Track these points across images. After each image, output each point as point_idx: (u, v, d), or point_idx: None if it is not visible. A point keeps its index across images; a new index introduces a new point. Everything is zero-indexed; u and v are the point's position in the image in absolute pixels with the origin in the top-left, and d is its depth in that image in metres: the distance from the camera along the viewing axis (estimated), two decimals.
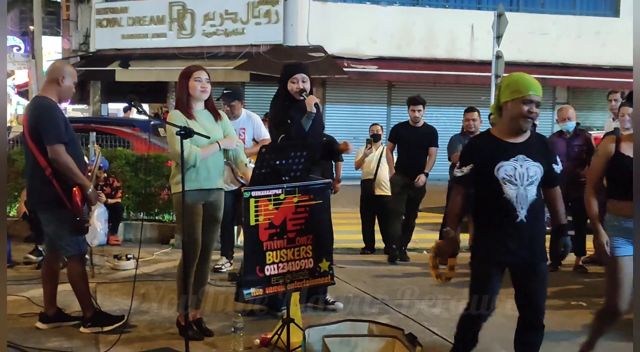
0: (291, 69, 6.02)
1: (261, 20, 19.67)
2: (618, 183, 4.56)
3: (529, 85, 4.14)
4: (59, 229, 5.37)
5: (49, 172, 5.23)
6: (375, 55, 19.88)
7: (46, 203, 5.33)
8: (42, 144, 5.19)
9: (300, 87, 5.85)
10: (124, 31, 21.09)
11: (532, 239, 4.22)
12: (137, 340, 5.32)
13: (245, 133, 7.42)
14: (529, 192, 4.14)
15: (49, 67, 5.69)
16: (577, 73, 20.47)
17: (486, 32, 16.91)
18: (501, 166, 4.17)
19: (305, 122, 5.80)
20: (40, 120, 5.21)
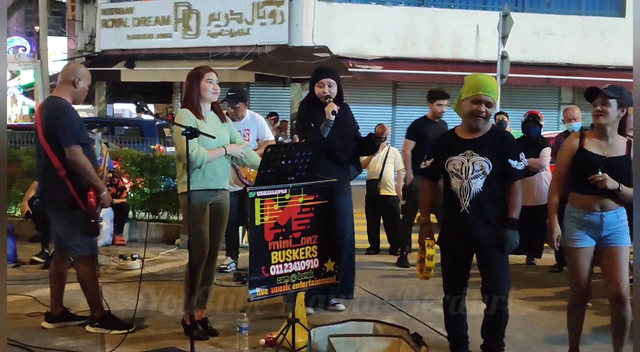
0: (318, 73, 6.11)
1: (266, 21, 19.69)
2: (581, 178, 4.70)
3: (481, 85, 4.48)
4: (71, 230, 5.37)
5: (62, 173, 5.22)
6: (380, 56, 19.89)
7: (59, 204, 5.32)
8: (57, 144, 5.18)
9: (326, 91, 5.94)
10: (129, 31, 21.14)
11: (475, 229, 4.56)
12: (143, 340, 5.34)
13: (249, 134, 7.43)
14: (472, 185, 4.50)
15: (63, 67, 5.67)
16: (582, 73, 20.42)
17: (491, 33, 16.92)
18: (450, 160, 4.62)
19: (324, 129, 5.87)
20: (57, 121, 5.19)
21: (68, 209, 5.30)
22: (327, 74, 6.06)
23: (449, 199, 4.68)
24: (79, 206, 5.28)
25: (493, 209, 4.59)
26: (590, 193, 4.65)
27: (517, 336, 5.68)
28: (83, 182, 5.26)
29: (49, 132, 5.22)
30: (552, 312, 6.44)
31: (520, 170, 4.61)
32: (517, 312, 6.39)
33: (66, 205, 5.28)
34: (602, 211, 4.65)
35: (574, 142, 4.83)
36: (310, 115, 5.99)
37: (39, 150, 5.38)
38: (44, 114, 5.31)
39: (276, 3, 19.54)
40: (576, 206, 4.75)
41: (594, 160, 4.64)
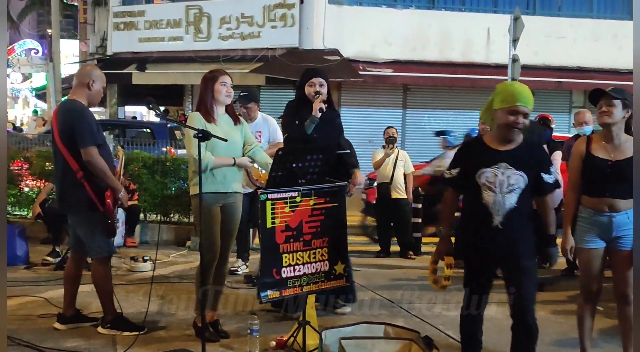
0: (310, 73, 6.12)
1: (277, 24, 19.71)
2: (589, 181, 4.74)
3: (518, 95, 4.25)
4: (91, 232, 5.41)
5: (80, 175, 5.27)
6: (391, 59, 19.87)
7: (78, 206, 5.36)
8: (74, 147, 5.23)
9: (317, 89, 5.94)
10: (140, 34, 21.21)
11: (507, 247, 4.30)
12: (154, 341, 5.36)
13: (261, 136, 7.46)
14: (507, 200, 4.21)
15: (78, 70, 5.74)
16: (593, 77, 20.34)
17: (502, 36, 16.87)
18: (483, 172, 4.29)
19: (308, 125, 5.86)
20: (74, 123, 5.23)
21: (87, 211, 5.34)
22: (318, 73, 6.08)
23: (478, 212, 4.33)
24: (97, 207, 5.33)
25: (525, 226, 4.33)
26: (599, 195, 4.69)
27: None
28: (101, 183, 5.30)
29: (65, 135, 5.27)
30: (564, 316, 6.43)
31: (552, 183, 4.39)
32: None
33: (86, 207, 5.33)
34: (611, 212, 4.67)
35: (580, 147, 4.84)
36: (297, 112, 5.97)
37: (56, 153, 5.42)
38: (60, 116, 5.35)
39: (287, 6, 19.56)
40: (587, 207, 4.78)
41: (601, 165, 4.67)
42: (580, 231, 4.80)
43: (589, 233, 4.76)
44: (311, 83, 5.98)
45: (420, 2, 20.96)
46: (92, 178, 5.28)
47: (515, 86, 4.38)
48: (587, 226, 4.77)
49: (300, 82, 6.10)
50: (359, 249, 9.67)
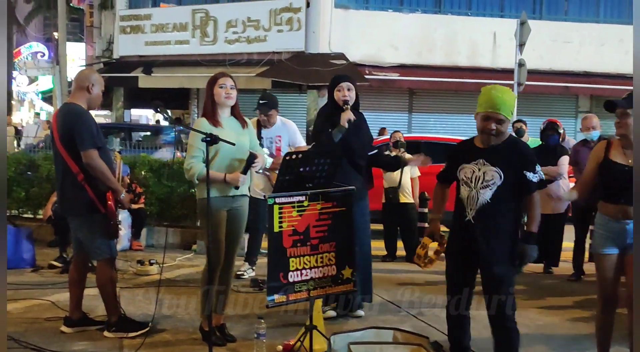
0: (337, 78, 6.24)
1: (283, 28, 19.74)
2: (607, 187, 4.75)
3: (493, 101, 4.34)
4: (91, 234, 5.43)
5: (81, 177, 5.30)
6: (397, 63, 19.88)
7: (78, 208, 5.39)
8: (74, 149, 5.26)
9: (345, 94, 6.05)
10: (147, 38, 21.26)
11: (478, 241, 4.44)
12: (161, 345, 5.36)
13: (281, 140, 7.46)
14: (480, 195, 4.39)
15: (77, 74, 5.74)
16: (600, 81, 20.31)
17: (508, 40, 16.87)
18: (462, 168, 4.56)
19: (335, 134, 5.93)
20: (74, 126, 5.27)
21: (88, 213, 5.37)
22: (345, 78, 6.20)
23: (457, 207, 4.63)
24: (98, 209, 5.35)
25: (500, 223, 4.45)
26: (615, 202, 4.68)
27: (535, 346, 5.65)
28: (101, 185, 5.33)
29: (65, 138, 5.31)
30: (571, 322, 6.41)
31: (535, 182, 4.47)
32: (535, 322, 6.37)
33: (86, 209, 5.36)
34: (625, 219, 4.65)
35: (599, 152, 4.84)
36: (328, 119, 6.08)
37: (56, 156, 5.45)
38: (60, 120, 5.39)
39: (293, 10, 19.58)
40: (603, 214, 4.78)
41: (618, 170, 4.66)
42: (597, 237, 4.82)
43: (605, 239, 4.76)
44: (339, 88, 6.08)
45: (427, 6, 20.98)
46: (92, 180, 5.31)
47: (492, 92, 4.40)
48: (603, 232, 4.77)
49: (329, 89, 6.24)
50: None
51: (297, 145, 7.50)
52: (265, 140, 7.36)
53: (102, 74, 21.64)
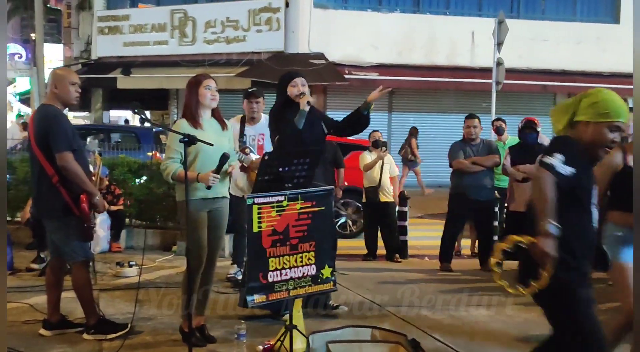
0: (289, 75, 6.13)
1: (262, 28, 19.71)
2: (626, 196, 4.27)
3: (620, 110, 3.66)
4: (66, 236, 5.41)
5: (55, 180, 5.27)
6: (377, 62, 19.92)
7: (53, 211, 5.36)
8: (49, 151, 5.24)
9: (300, 89, 5.94)
10: (125, 39, 21.15)
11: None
12: (141, 347, 5.34)
13: (264, 139, 7.38)
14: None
15: (50, 75, 5.69)
16: (577, 80, 20.47)
17: (487, 39, 16.93)
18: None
19: (298, 120, 5.85)
20: (49, 128, 5.25)
21: (63, 216, 5.34)
22: (298, 75, 6.07)
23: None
24: (73, 211, 5.33)
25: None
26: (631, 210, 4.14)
27: (514, 341, 5.68)
28: (76, 188, 5.30)
29: (41, 140, 5.28)
30: None
31: None
32: (514, 318, 6.41)
33: (61, 211, 5.33)
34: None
35: (616, 159, 4.53)
36: (283, 115, 5.94)
37: (32, 159, 5.42)
38: (35, 122, 5.37)
39: (272, 10, 19.57)
40: (620, 225, 4.52)
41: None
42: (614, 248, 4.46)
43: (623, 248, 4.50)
44: (294, 84, 5.96)
45: (406, 6, 21.06)
46: (67, 183, 5.28)
47: (616, 98, 3.72)
48: (621, 243, 4.51)
49: (280, 86, 6.09)
50: (346, 253, 9.68)
51: None
52: (247, 138, 7.26)
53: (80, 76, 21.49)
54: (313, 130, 6.00)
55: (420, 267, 9.16)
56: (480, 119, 9.05)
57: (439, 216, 12.22)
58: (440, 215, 11.57)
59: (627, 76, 20.41)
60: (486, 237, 9.17)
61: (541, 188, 3.49)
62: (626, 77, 20.32)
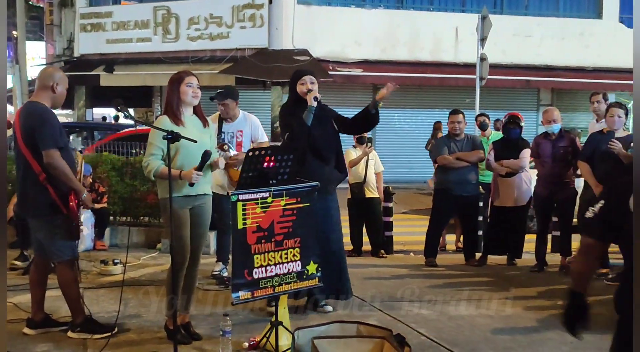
0: (299, 73, 6.25)
1: (246, 24, 19.68)
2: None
3: None
4: (52, 235, 5.35)
5: (42, 177, 5.22)
6: (360, 59, 19.95)
7: (40, 209, 5.31)
8: (37, 149, 5.18)
9: (309, 87, 6.07)
10: (108, 36, 21.05)
11: None
12: (125, 345, 5.31)
13: (242, 135, 7.35)
14: None
15: (40, 72, 5.62)
16: (561, 75, 20.62)
17: (470, 35, 17.00)
18: None
19: (307, 116, 5.99)
20: (36, 126, 5.19)
21: (49, 214, 5.29)
22: (307, 72, 6.22)
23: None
24: (60, 210, 5.27)
25: None
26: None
27: (500, 336, 5.71)
28: (63, 186, 5.26)
29: (28, 137, 5.22)
30: (535, 311, 6.48)
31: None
32: (500, 313, 6.44)
33: (47, 210, 5.28)
34: None
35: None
36: (293, 113, 6.09)
37: (18, 156, 5.36)
38: (22, 119, 5.30)
39: (256, 6, 19.53)
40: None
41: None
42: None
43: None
44: (302, 82, 6.11)
45: (389, 2, 21.10)
46: (54, 181, 5.23)
47: None
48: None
49: (291, 85, 6.24)
50: None
51: (259, 141, 7.40)
52: (226, 135, 7.23)
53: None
54: (323, 127, 6.14)
55: (405, 263, 9.18)
56: (464, 115, 9.07)
57: (423, 212, 12.27)
58: (424, 210, 11.62)
59: (610, 71, 20.59)
60: (471, 232, 9.22)
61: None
62: (609, 72, 20.50)
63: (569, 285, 3.10)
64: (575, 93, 21.30)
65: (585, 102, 10.28)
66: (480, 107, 14.83)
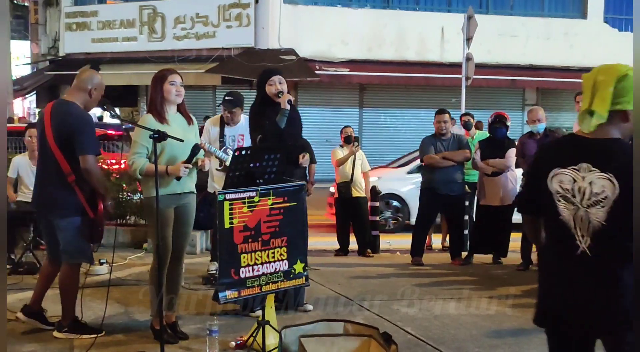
0: (268, 73, 6.17)
1: (232, 24, 19.67)
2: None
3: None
4: (73, 236, 5.32)
5: (72, 179, 5.19)
6: (347, 58, 19.99)
7: (67, 210, 5.27)
8: (70, 150, 5.14)
9: (278, 88, 5.99)
10: (94, 35, 20.98)
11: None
12: (112, 344, 5.29)
13: (243, 139, 7.33)
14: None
15: (80, 73, 5.49)
16: (546, 74, 20.73)
17: (456, 34, 17.07)
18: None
19: (280, 119, 5.93)
20: (76, 128, 5.15)
21: (74, 215, 5.27)
22: (275, 72, 6.14)
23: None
24: (86, 212, 5.27)
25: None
26: None
27: (486, 334, 5.73)
28: (89, 189, 5.26)
29: (62, 137, 5.17)
30: (520, 309, 6.50)
31: None
32: (486, 311, 6.47)
33: (74, 211, 5.26)
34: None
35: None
36: (263, 113, 5.99)
37: (44, 154, 5.32)
38: (57, 117, 5.24)
39: (242, 6, 19.51)
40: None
41: None
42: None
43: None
44: (271, 82, 6.02)
45: (376, 2, 21.15)
46: (82, 184, 5.22)
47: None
48: None
49: (259, 84, 6.14)
50: (318, 248, 9.71)
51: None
52: (227, 139, 7.23)
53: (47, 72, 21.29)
54: (295, 129, 6.11)
55: (392, 262, 9.20)
56: (450, 114, 9.10)
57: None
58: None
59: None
60: (457, 231, 9.25)
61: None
62: None
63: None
64: (560, 92, 21.38)
65: (570, 102, 10.35)
66: (466, 107, 14.88)
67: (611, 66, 3.03)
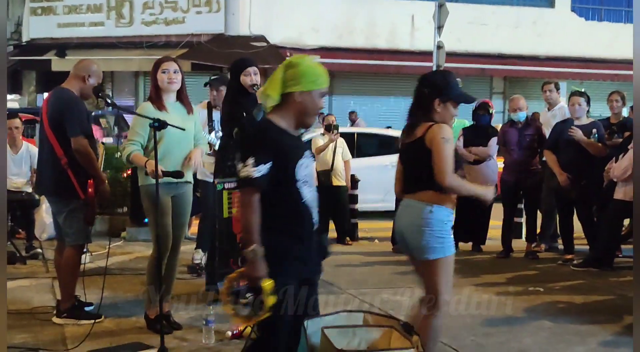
0: (242, 62, 6.13)
1: (202, 9, 19.47)
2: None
3: (325, 76, 3.62)
4: (69, 218, 5.46)
5: (64, 161, 5.34)
6: (318, 45, 19.94)
7: (58, 191, 5.46)
8: (62, 134, 5.32)
9: (254, 79, 5.94)
10: (59, 19, 20.53)
11: None
12: (105, 335, 5.23)
13: None
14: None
15: (77, 62, 5.81)
16: (514, 63, 20.92)
17: (427, 22, 17.12)
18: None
19: (257, 114, 5.82)
20: (66, 112, 5.33)
21: (68, 197, 5.41)
22: (250, 62, 6.11)
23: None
24: (78, 194, 5.39)
25: None
26: None
27: (477, 322, 5.78)
28: (83, 172, 5.38)
29: (55, 121, 5.37)
30: (508, 297, 6.57)
31: None
32: (474, 299, 6.50)
33: (67, 193, 5.40)
34: None
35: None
36: (239, 104, 5.90)
37: (42, 138, 5.51)
38: (50, 103, 5.48)
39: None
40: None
41: None
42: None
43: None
44: (247, 73, 5.96)
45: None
46: (76, 166, 5.35)
47: (319, 65, 3.68)
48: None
49: (233, 74, 6.07)
50: None
51: None
52: (215, 123, 7.14)
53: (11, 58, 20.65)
54: None
55: (373, 250, 9.23)
56: None
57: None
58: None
59: (562, 59, 20.98)
60: None
61: (245, 214, 3.54)
62: (560, 61, 20.88)
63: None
64: (527, 81, 21.56)
65: (537, 91, 10.46)
66: None
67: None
